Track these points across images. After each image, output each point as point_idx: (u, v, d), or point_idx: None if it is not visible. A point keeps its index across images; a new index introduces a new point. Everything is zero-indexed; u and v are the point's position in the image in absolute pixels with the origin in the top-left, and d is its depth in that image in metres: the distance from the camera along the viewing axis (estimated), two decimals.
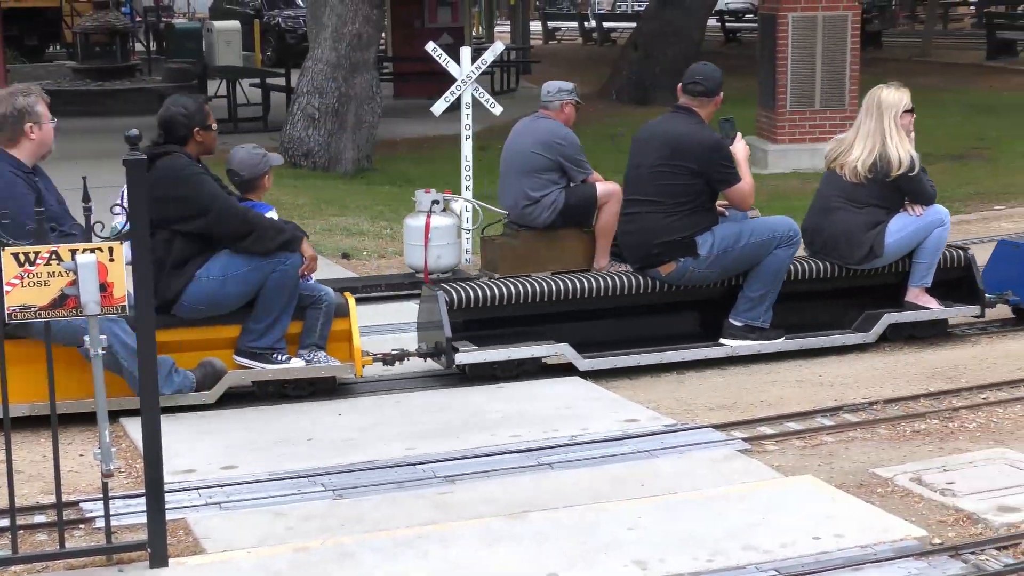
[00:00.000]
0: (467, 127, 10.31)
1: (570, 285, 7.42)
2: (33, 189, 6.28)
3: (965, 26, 44.16)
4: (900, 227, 7.81)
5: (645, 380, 7.18)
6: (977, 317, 8.00)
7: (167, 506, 4.74)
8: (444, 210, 9.33)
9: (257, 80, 20.65)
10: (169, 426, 5.38)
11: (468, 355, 7.07)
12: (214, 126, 6.92)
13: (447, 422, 6.36)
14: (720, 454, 5.88)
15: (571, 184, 8.72)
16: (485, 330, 7.29)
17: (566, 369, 7.20)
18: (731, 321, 7.59)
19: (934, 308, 7.89)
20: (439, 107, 10.12)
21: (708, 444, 5.99)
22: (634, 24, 29.76)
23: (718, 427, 6.20)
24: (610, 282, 7.53)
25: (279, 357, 6.78)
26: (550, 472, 5.66)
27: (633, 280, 7.59)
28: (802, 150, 15.72)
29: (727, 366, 7.43)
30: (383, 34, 21.78)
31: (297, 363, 6.82)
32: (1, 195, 6.15)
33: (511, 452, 5.87)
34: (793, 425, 6.29)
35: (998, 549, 4.77)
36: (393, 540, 4.86)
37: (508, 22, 33.45)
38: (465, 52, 10.24)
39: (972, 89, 24.93)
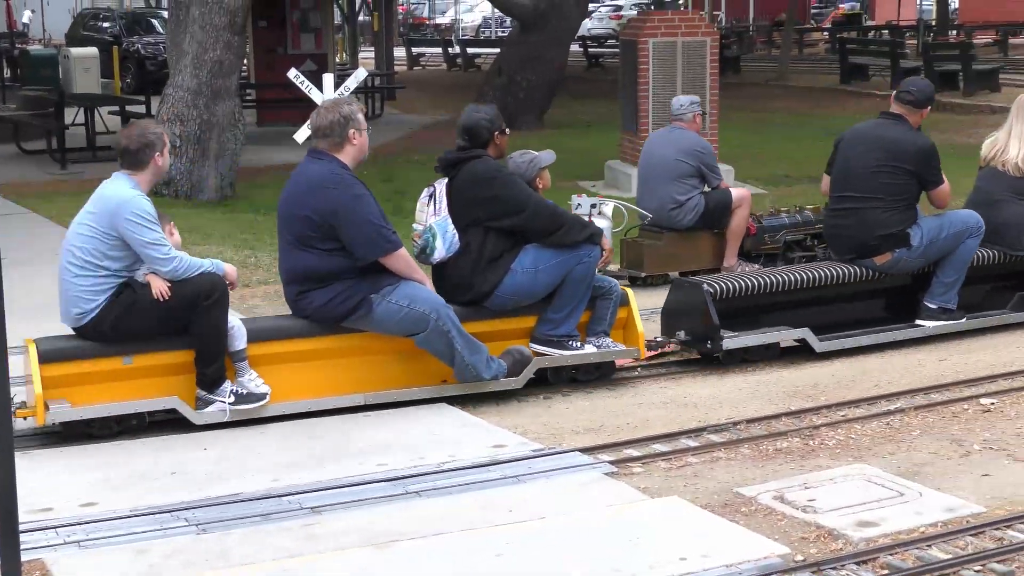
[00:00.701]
0: None
1: (809, 276, 8.31)
2: None
3: (820, 51, 45.21)
4: None
5: (512, 405, 7.19)
6: None
7: (22, 546, 4.61)
8: (599, 213, 9.76)
9: (116, 108, 20.31)
10: (25, 463, 5.25)
11: (731, 341, 7.80)
12: (508, 131, 7.69)
13: (314, 452, 6.30)
14: (587, 478, 5.90)
15: (708, 189, 10.16)
16: (724, 320, 7.93)
17: (437, 400, 7.19)
18: (927, 304, 8.48)
19: None
20: (302, 134, 10.07)
21: (575, 468, 6.01)
22: (498, 50, 29.91)
23: (585, 451, 6.23)
24: (835, 272, 8.40)
25: (574, 344, 7.43)
26: (418, 500, 5.63)
27: (851, 270, 8.44)
28: None
29: (594, 390, 7.47)
30: (245, 61, 21.56)
31: (590, 349, 7.47)
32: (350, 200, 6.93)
33: (378, 481, 5.83)
34: (659, 447, 6.35)
35: (858, 564, 4.86)
36: (257, 574, 4.79)
37: (372, 48, 33.39)
38: (328, 79, 10.22)
39: (828, 112, 25.51)
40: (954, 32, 45.86)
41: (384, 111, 26.04)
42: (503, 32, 46.17)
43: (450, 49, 41.02)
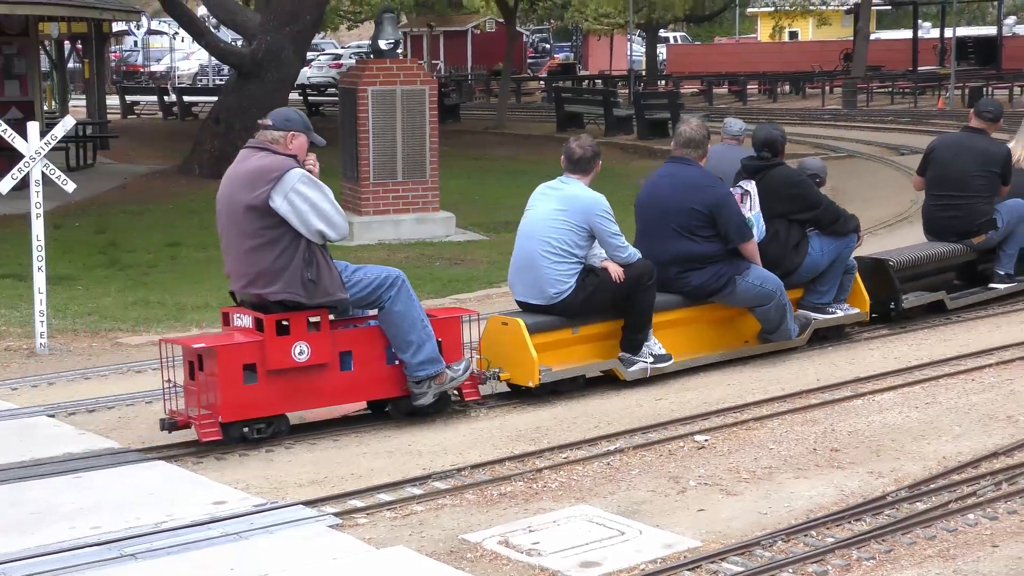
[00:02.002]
0: (37, 205, 9.85)
1: (945, 249, 10.66)
2: None
3: (537, 100, 46.32)
4: None
5: (233, 460, 7.01)
6: None
7: None
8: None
9: None
10: None
11: (915, 299, 10.15)
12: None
13: (20, 517, 5.99)
14: (311, 531, 5.80)
15: None
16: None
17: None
18: (997, 271, 10.80)
19: None
20: (6, 185, 9.65)
21: (299, 522, 5.90)
22: (215, 98, 29.46)
23: (308, 503, 6.12)
24: (951, 250, 10.69)
25: (832, 309, 9.48)
26: (134, 563, 5.41)
27: (958, 247, 10.72)
28: (386, 221, 15.96)
29: (318, 439, 7.36)
30: None
31: (839, 312, 9.52)
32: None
33: (91, 545, 5.58)
34: (384, 496, 6.29)
35: None
36: None
37: (84, 96, 32.41)
38: (33, 127, 9.82)
39: (545, 159, 26.04)
40: (663, 81, 47.70)
41: (96, 160, 25.30)
42: (220, 80, 45.52)
43: (166, 97, 40.22)
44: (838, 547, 5.42)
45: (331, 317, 7.35)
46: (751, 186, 9.17)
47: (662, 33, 60.52)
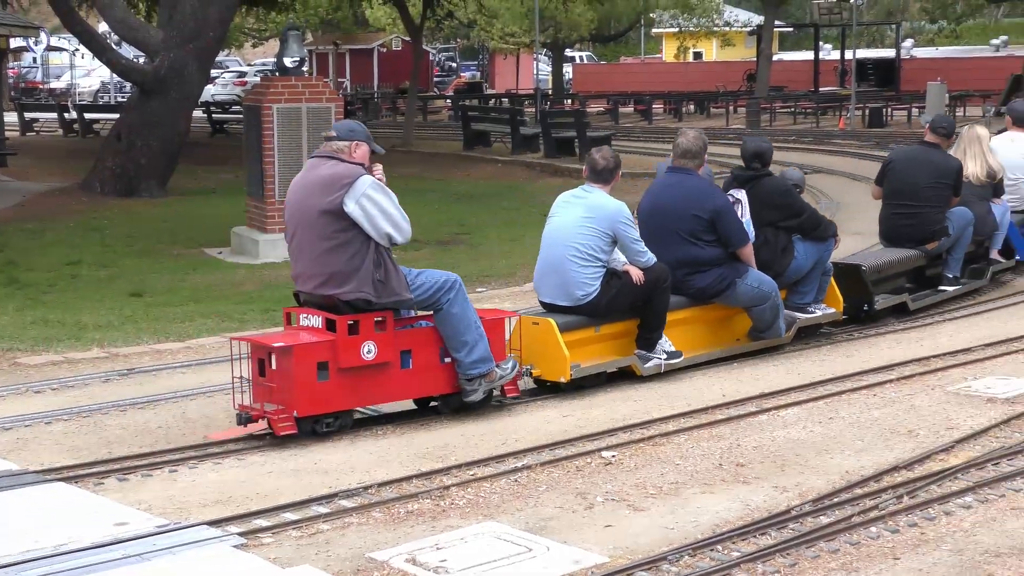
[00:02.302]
0: None
1: (905, 255, 11.49)
2: None
3: (443, 118, 46.33)
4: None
5: (135, 481, 6.91)
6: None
7: None
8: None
9: None
10: None
11: (883, 301, 10.99)
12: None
13: None
14: (215, 552, 5.72)
15: None
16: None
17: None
18: (946, 275, 11.71)
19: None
20: None
21: (202, 542, 5.82)
22: (117, 115, 29.10)
23: (213, 523, 6.05)
24: (907, 256, 11.51)
25: (812, 309, 10.17)
26: None
27: (913, 253, 11.53)
28: None
29: (222, 459, 7.28)
30: None
31: (818, 312, 10.20)
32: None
33: None
34: (289, 515, 6.23)
35: None
36: None
37: None
38: None
39: (453, 177, 26.11)
40: (569, 100, 47.96)
41: None
42: (123, 97, 45.00)
43: (66, 114, 39.65)
44: (743, 561, 5.46)
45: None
46: (742, 195, 9.77)
47: (568, 52, 60.93)
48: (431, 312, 7.92)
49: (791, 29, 67.88)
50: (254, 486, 6.78)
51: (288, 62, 16.19)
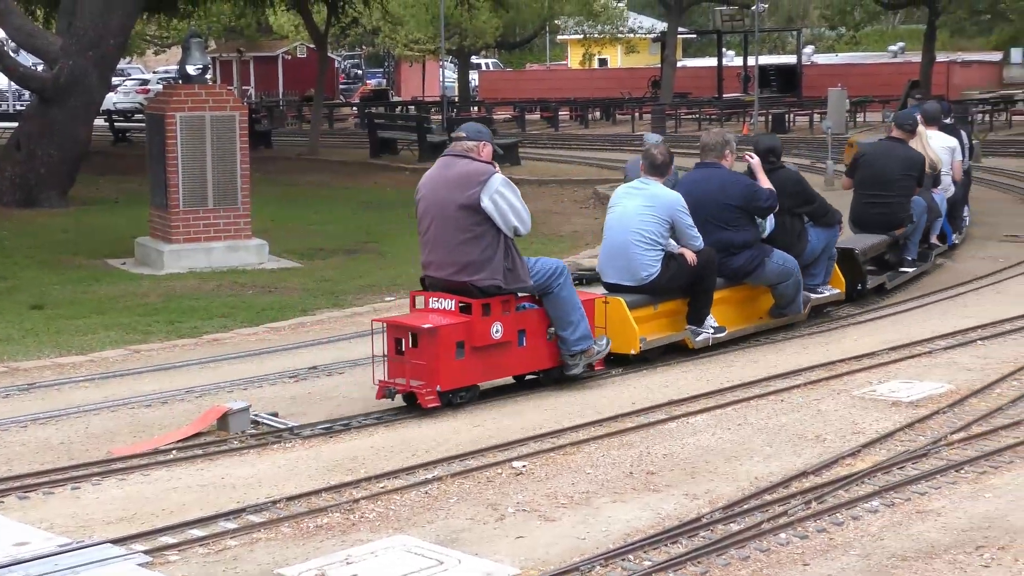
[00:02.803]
0: None
1: (880, 240, 12.68)
2: None
3: (349, 126, 46.10)
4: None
5: (36, 498, 6.76)
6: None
7: None
8: None
9: None
10: None
11: (873, 279, 12.44)
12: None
13: None
14: (119, 570, 5.61)
15: None
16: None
17: None
18: (906, 257, 12.97)
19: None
20: None
21: (106, 561, 5.70)
22: (16, 123, 28.54)
23: (117, 542, 5.93)
24: (880, 239, 12.72)
25: (821, 290, 11.27)
26: None
27: (885, 238, 12.75)
28: (197, 249, 15.65)
29: (127, 474, 7.15)
30: None
31: (826, 292, 11.35)
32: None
33: None
34: (196, 532, 6.13)
35: None
36: None
37: None
38: None
39: (359, 186, 25.96)
40: (476, 107, 47.98)
41: None
42: (21, 105, 44.19)
43: None
44: (655, 570, 5.46)
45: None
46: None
47: (474, 59, 60.95)
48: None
49: (694, 36, 68.54)
50: (160, 502, 6.66)
51: (191, 70, 15.99)
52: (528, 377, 9.02)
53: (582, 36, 55.16)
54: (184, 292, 13.81)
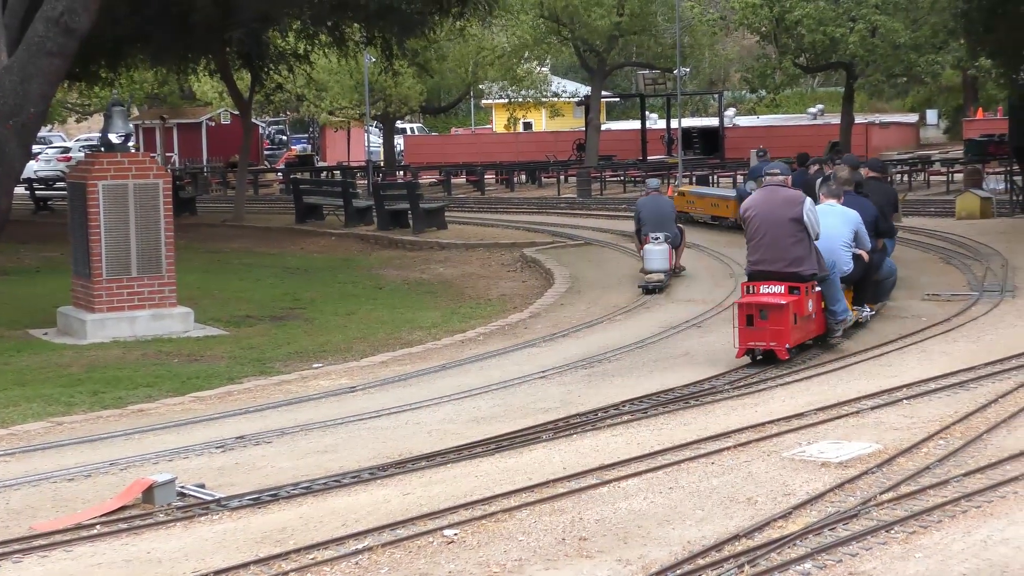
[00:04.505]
0: None
1: None
2: None
3: (274, 192, 45.93)
4: None
5: None
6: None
7: None
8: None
9: None
10: None
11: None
12: None
13: None
14: None
15: None
16: None
17: None
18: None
19: None
20: None
21: None
22: None
23: None
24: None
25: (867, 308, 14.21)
26: None
27: None
28: (121, 318, 15.47)
29: (49, 551, 6.99)
30: None
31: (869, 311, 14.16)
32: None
33: None
34: None
35: None
36: None
37: None
38: None
39: (285, 252, 25.83)
40: (401, 172, 48.02)
41: None
42: None
43: None
44: None
45: None
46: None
47: (399, 124, 61.07)
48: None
49: (618, 99, 69.20)
50: None
51: (114, 138, 15.89)
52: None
53: (506, 100, 55.52)
54: (108, 362, 13.63)
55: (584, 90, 57.02)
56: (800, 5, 35.60)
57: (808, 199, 12.46)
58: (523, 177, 45.53)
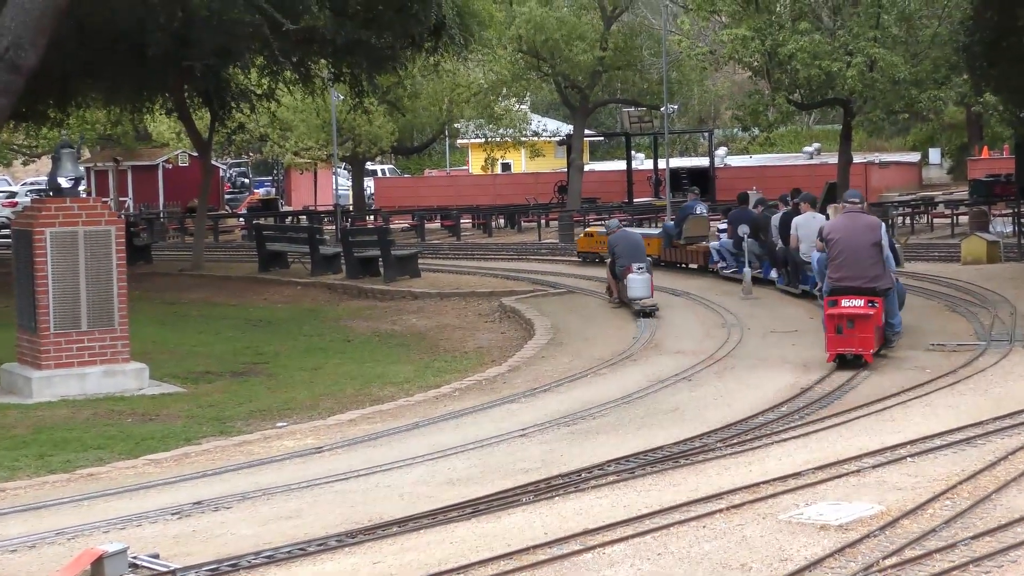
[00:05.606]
0: None
1: None
2: None
3: (236, 238, 45.91)
4: None
5: None
6: None
7: None
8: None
9: None
10: None
11: None
12: None
13: None
14: None
15: None
16: None
17: None
18: None
19: None
20: None
21: None
22: None
23: None
24: None
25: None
26: None
27: None
28: (70, 375, 15.41)
29: None
30: None
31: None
32: None
33: None
34: None
35: None
36: None
37: None
38: None
39: (247, 303, 25.81)
40: (372, 216, 48.09)
41: None
42: None
43: None
44: None
45: None
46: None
47: (369, 166, 61.23)
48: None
49: (602, 138, 69.53)
50: None
51: (63, 182, 15.87)
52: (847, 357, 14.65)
53: (483, 140, 55.73)
54: (55, 422, 13.56)
55: (566, 128, 57.25)
56: (794, 38, 35.79)
57: (882, 223, 15.71)
58: (501, 221, 45.65)
